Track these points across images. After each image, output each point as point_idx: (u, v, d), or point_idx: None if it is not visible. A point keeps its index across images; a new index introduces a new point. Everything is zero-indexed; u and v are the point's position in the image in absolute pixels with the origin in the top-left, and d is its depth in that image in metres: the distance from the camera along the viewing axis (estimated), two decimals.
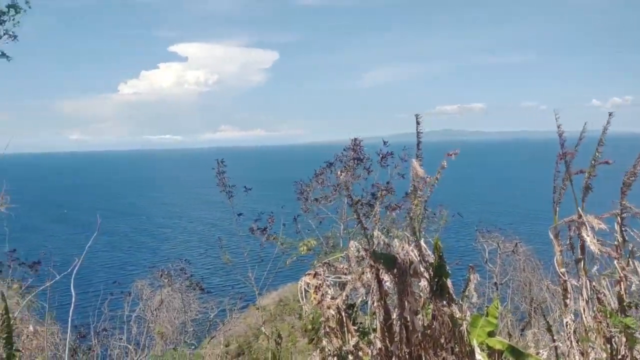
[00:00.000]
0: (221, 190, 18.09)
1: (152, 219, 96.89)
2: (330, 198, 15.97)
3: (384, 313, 8.20)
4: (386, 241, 8.60)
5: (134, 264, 55.26)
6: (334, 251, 15.87)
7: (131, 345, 20.99)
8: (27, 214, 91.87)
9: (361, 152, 15.73)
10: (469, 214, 64.76)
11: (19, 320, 17.92)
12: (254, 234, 18.24)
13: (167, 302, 22.32)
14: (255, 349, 24.09)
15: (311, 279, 9.22)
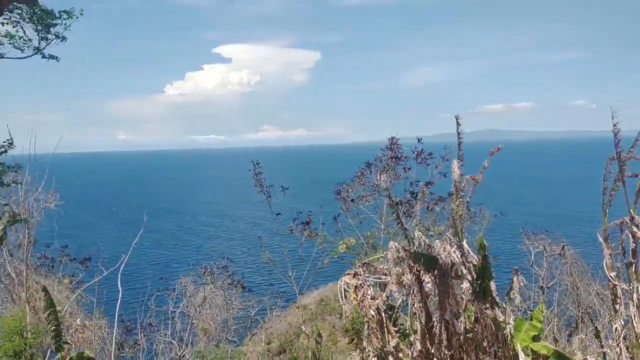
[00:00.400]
0: (259, 191, 18.33)
1: (196, 218, 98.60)
2: (369, 198, 15.91)
3: (425, 315, 8.09)
4: (427, 242, 8.48)
5: (178, 261, 56.33)
6: (374, 251, 15.80)
7: (175, 340, 21.47)
8: (78, 212, 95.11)
9: (399, 151, 15.61)
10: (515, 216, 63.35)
11: (69, 314, 18.58)
12: (293, 233, 18.39)
13: (210, 299, 22.72)
14: (296, 348, 24.19)
15: (351, 279, 9.18)
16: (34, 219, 18.00)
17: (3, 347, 12.77)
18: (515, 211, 75.06)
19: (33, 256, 18.85)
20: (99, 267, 20.57)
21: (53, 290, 17.67)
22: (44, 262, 20.80)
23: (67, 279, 21.05)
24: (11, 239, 18.34)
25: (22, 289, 17.75)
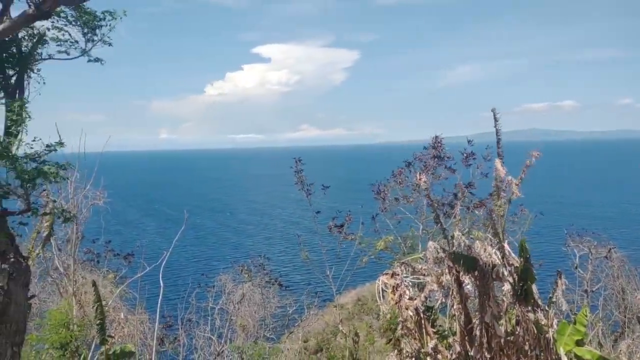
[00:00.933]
0: (299, 189, 18.39)
1: (236, 216, 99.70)
2: (409, 198, 15.76)
3: (464, 316, 7.98)
4: (467, 242, 8.36)
5: (218, 258, 57.10)
6: (413, 251, 15.67)
7: (214, 336, 21.80)
8: (123, 209, 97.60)
9: (442, 151, 15.36)
10: (558, 217, 61.67)
11: (112, 309, 19.11)
12: (332, 232, 18.38)
13: (249, 296, 22.95)
14: (333, 347, 24.18)
15: (389, 279, 9.13)
16: (82, 215, 18.60)
17: (50, 339, 13.24)
18: (559, 212, 73.10)
19: (80, 251, 19.47)
20: (141, 263, 21.12)
21: (98, 284, 18.17)
22: (90, 257, 21.46)
23: (112, 273, 21.66)
24: (60, 234, 19.01)
25: (69, 282, 18.37)
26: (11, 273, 6.28)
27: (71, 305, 16.04)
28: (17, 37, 7.35)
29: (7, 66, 7.44)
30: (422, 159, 15.76)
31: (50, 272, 19.65)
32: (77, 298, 17.42)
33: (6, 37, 6.52)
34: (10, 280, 6.28)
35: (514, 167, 8.20)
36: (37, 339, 13.72)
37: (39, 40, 7.63)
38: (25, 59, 7.44)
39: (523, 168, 6.60)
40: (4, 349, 6.27)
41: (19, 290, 6.41)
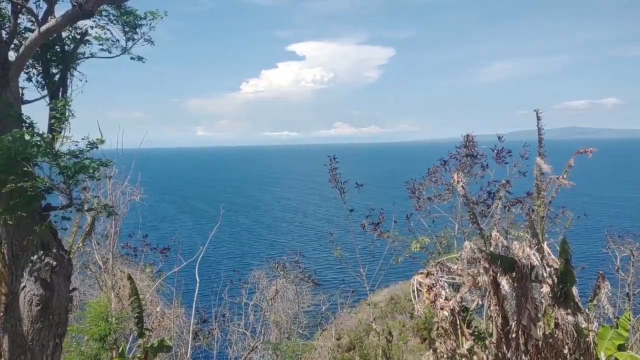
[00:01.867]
0: (333, 187, 18.38)
1: (270, 213, 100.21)
2: (444, 197, 15.54)
3: (502, 318, 7.83)
4: (504, 243, 8.20)
5: (252, 255, 57.49)
6: (448, 251, 15.46)
7: (248, 331, 22.01)
8: (160, 204, 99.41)
9: (474, 149, 15.08)
10: (599, 218, 59.91)
11: (150, 302, 19.49)
12: (366, 230, 18.31)
13: (282, 292, 23.08)
14: (366, 345, 24.09)
15: (424, 278, 9.03)
16: (120, 211, 19.02)
17: (89, 331, 13.58)
18: (600, 213, 71.02)
19: (117, 246, 19.91)
20: (177, 258, 21.47)
21: (136, 278, 18.56)
22: (128, 252, 21.93)
23: (149, 268, 22.09)
24: (98, 229, 19.48)
25: (108, 276, 18.82)
26: (54, 266, 6.46)
27: (110, 299, 16.43)
28: (60, 37, 7.55)
29: (51, 65, 7.66)
30: (457, 158, 15.51)
31: (90, 266, 20.16)
32: (115, 291, 17.82)
33: (51, 36, 6.71)
34: (53, 273, 6.47)
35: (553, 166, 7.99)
36: (77, 330, 14.09)
37: (82, 38, 7.83)
38: (69, 58, 7.65)
39: (566, 168, 6.43)
40: (47, 340, 6.47)
41: (61, 283, 6.60)
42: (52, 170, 6.48)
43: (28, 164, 6.16)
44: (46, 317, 6.42)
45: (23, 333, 6.35)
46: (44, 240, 6.53)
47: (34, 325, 6.37)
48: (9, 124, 6.23)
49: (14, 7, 7.11)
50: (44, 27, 6.27)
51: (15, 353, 6.40)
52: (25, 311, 6.36)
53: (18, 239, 6.47)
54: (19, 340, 6.37)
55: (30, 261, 6.40)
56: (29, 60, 7.04)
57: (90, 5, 5.95)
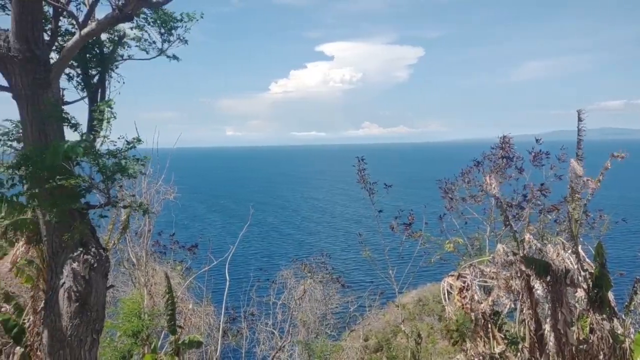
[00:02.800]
0: (362, 187, 18.36)
1: (299, 212, 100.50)
2: (477, 198, 15.33)
3: (535, 322, 7.73)
4: (539, 246, 8.08)
5: (280, 254, 57.78)
6: (480, 253, 15.26)
7: (276, 330, 22.15)
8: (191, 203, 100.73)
9: (511, 151, 14.82)
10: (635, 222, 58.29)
11: (180, 300, 19.78)
12: (395, 231, 18.22)
13: (310, 292, 23.16)
14: (395, 347, 24.00)
15: (455, 281, 8.97)
16: (154, 209, 19.36)
17: (123, 327, 13.87)
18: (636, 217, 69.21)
19: (149, 244, 20.28)
20: (208, 256, 21.74)
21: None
22: (158, 250, 22.31)
23: (179, 265, 22.43)
24: (132, 227, 19.86)
25: (141, 274, 19.17)
26: (92, 264, 6.65)
27: (142, 296, 16.73)
28: (99, 39, 7.76)
29: (90, 66, 7.87)
30: (491, 159, 15.27)
31: (124, 263, 20.58)
32: (148, 288, 18.14)
33: (91, 39, 6.90)
34: (92, 270, 6.65)
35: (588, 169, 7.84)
36: (111, 326, 14.39)
37: (120, 41, 8.02)
38: (107, 60, 7.85)
39: (602, 170, 6.30)
40: (85, 335, 6.65)
41: (99, 279, 6.78)
42: (92, 169, 6.67)
43: (69, 163, 6.34)
44: (84, 313, 6.60)
45: (62, 328, 6.54)
46: (83, 238, 6.72)
47: (72, 320, 6.55)
48: (51, 124, 6.43)
49: (55, 10, 7.34)
50: (84, 30, 6.45)
51: (54, 347, 6.60)
52: (64, 307, 6.55)
53: (58, 236, 6.67)
54: (58, 335, 6.57)
55: (70, 258, 6.59)
56: (70, 62, 7.24)
57: (130, 9, 6.10)
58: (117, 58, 8.13)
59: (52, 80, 6.51)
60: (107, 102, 6.79)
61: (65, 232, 6.60)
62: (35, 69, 6.35)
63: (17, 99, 6.51)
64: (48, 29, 7.22)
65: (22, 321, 11.36)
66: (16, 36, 6.19)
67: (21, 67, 6.29)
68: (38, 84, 6.39)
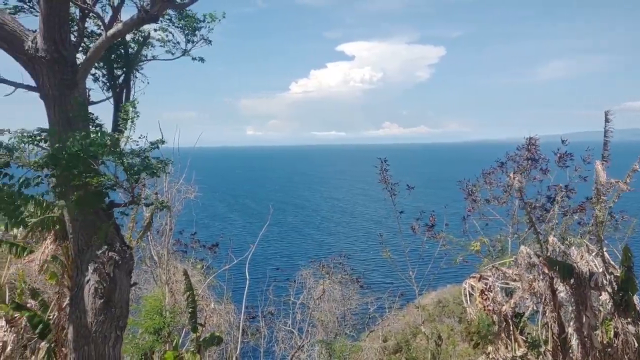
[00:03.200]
0: (384, 188, 18.30)
1: (319, 212, 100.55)
2: (501, 199, 15.15)
3: (558, 326, 7.63)
4: (562, 248, 7.96)
5: (299, 254, 57.87)
6: (501, 255, 15.09)
7: (295, 330, 22.19)
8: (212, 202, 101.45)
9: (537, 153, 14.57)
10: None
11: (201, 298, 19.95)
12: (416, 233, 18.12)
13: (329, 292, 23.16)
14: (414, 348, 23.86)
15: (476, 282, 8.90)
16: (175, 208, 19.59)
17: (145, 324, 14.03)
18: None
19: (170, 242, 20.50)
20: (228, 255, 21.89)
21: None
22: (179, 248, 22.54)
23: (200, 264, 22.63)
24: (154, 225, 20.09)
25: (162, 271, 19.38)
26: (117, 261, 6.76)
27: (164, 293, 16.91)
28: (125, 40, 7.88)
29: (115, 67, 8.00)
30: (515, 160, 15.05)
31: (146, 261, 20.82)
32: (169, 286, 18.33)
33: (117, 39, 7.00)
34: (116, 267, 6.76)
35: (615, 170, 7.71)
36: (133, 323, 14.56)
37: (145, 41, 8.14)
38: (132, 60, 7.97)
39: (629, 172, 6.20)
40: (109, 332, 6.75)
41: (123, 277, 6.88)
42: (116, 168, 6.78)
43: (94, 161, 6.45)
44: (109, 309, 6.71)
45: (87, 324, 6.66)
46: (108, 236, 6.83)
47: (97, 317, 6.66)
48: (77, 123, 6.54)
49: (82, 12, 7.47)
50: (110, 31, 6.55)
51: (79, 343, 6.72)
52: (89, 303, 6.67)
53: (84, 234, 6.79)
54: (83, 332, 6.68)
55: (95, 255, 6.71)
56: (95, 63, 7.36)
57: (155, 10, 6.18)
58: (142, 58, 8.26)
59: (78, 81, 6.62)
60: (131, 102, 6.89)
61: (90, 230, 6.72)
62: (62, 70, 6.47)
63: (45, 98, 6.64)
64: (74, 30, 7.35)
65: (47, 317, 11.58)
66: (44, 37, 6.31)
67: (48, 68, 6.41)
68: (65, 84, 6.51)
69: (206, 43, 8.18)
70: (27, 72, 6.68)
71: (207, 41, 8.16)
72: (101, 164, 6.69)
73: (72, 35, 7.17)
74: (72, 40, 7.04)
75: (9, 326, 12.04)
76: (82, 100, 6.68)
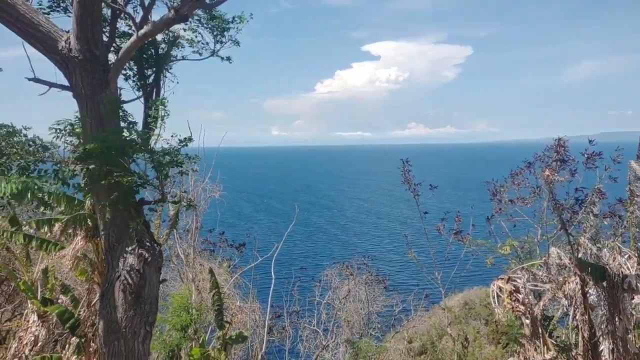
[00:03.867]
0: (407, 189, 18.22)
1: (344, 213, 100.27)
2: (528, 200, 14.91)
3: (589, 329, 7.47)
4: (594, 250, 7.80)
5: (325, 254, 57.84)
6: (530, 257, 14.86)
7: (320, 329, 22.23)
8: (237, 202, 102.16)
9: (565, 154, 14.29)
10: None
11: (227, 296, 20.14)
12: (441, 234, 17.99)
13: (354, 292, 23.15)
14: (440, 350, 23.64)
15: (504, 284, 8.77)
16: (200, 207, 19.83)
17: (172, 321, 14.21)
18: None
19: (197, 240, 20.75)
20: (254, 254, 22.05)
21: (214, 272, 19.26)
22: (207, 247, 22.80)
23: (226, 262, 22.86)
24: (181, 224, 20.37)
25: (189, 269, 19.62)
26: (146, 258, 6.86)
27: (190, 291, 17.10)
28: (155, 40, 8.00)
29: (146, 67, 8.13)
30: (543, 160, 14.79)
31: (173, 259, 21.12)
32: (195, 284, 18.55)
33: (147, 40, 7.11)
34: (146, 264, 6.87)
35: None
36: (160, 320, 14.75)
37: (175, 41, 8.26)
38: (162, 60, 8.08)
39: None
40: (139, 328, 6.86)
41: (152, 273, 6.99)
42: (145, 166, 6.89)
43: (125, 160, 6.57)
44: (138, 305, 6.81)
45: (117, 320, 6.77)
46: (138, 233, 6.94)
47: (127, 312, 6.78)
48: (109, 122, 6.67)
49: (113, 12, 7.61)
50: (141, 32, 6.64)
51: (110, 338, 6.84)
52: (119, 299, 6.78)
53: (114, 231, 6.91)
54: (113, 327, 6.80)
55: (125, 252, 6.83)
56: (126, 62, 7.49)
57: (185, 10, 6.25)
58: (172, 58, 8.37)
59: (110, 80, 6.75)
60: (161, 101, 7.00)
61: (121, 227, 6.84)
62: (94, 69, 6.60)
63: (77, 97, 6.77)
64: (106, 31, 7.48)
65: (77, 313, 11.82)
66: (77, 37, 6.44)
67: (81, 67, 6.54)
68: (97, 84, 6.63)
69: (234, 44, 8.26)
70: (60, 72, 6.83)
71: (235, 42, 8.23)
72: (132, 162, 6.81)
73: (104, 36, 7.30)
74: (104, 40, 7.16)
75: (40, 321, 12.36)
76: (113, 99, 6.80)
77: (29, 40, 6.52)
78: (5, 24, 6.38)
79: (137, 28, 6.85)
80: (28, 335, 12.26)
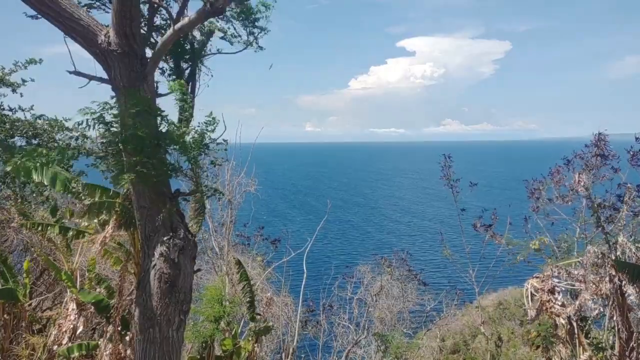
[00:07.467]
0: (445, 185, 18.05)
1: (379, 210, 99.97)
2: (567, 199, 14.55)
3: (626, 330, 7.27)
4: (633, 249, 7.58)
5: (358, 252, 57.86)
6: (567, 256, 14.51)
7: (352, 325, 22.28)
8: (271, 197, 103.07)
9: (606, 149, 13.90)
10: None
11: (260, 289, 20.39)
12: (477, 231, 17.75)
13: (387, 289, 23.10)
14: (473, 349, 23.39)
15: (539, 283, 8.61)
16: (236, 201, 20.12)
17: (206, 312, 14.46)
18: None
19: (232, 234, 21.06)
20: (287, 249, 22.26)
21: (247, 266, 19.56)
22: (242, 241, 23.12)
23: (260, 256, 23.13)
24: (216, 217, 20.72)
25: (223, 262, 19.92)
26: (181, 247, 7.02)
27: (224, 283, 17.37)
28: (190, 34, 8.15)
29: (181, 60, 8.29)
30: (583, 157, 14.41)
31: (207, 252, 21.49)
32: (229, 277, 18.83)
33: (184, 34, 7.25)
34: (181, 254, 7.02)
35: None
36: (194, 310, 15.03)
37: (210, 35, 8.40)
38: (197, 54, 8.23)
39: None
40: (173, 316, 7.03)
41: (187, 263, 7.14)
42: (178, 157, 7.07)
43: (158, 151, 6.73)
44: (173, 294, 6.98)
45: (152, 307, 6.95)
46: (173, 223, 7.11)
47: (162, 300, 6.95)
48: (146, 114, 6.82)
49: (151, 6, 7.78)
50: (177, 25, 6.77)
51: (145, 325, 7.02)
52: (155, 287, 6.95)
53: (151, 221, 7.09)
54: (148, 314, 6.98)
55: (161, 242, 7.00)
56: (163, 56, 7.65)
57: (221, 3, 6.35)
58: (207, 52, 8.51)
59: (147, 74, 6.90)
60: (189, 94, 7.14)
61: (157, 217, 7.02)
62: (132, 63, 6.76)
63: (116, 90, 6.96)
64: (144, 24, 7.65)
65: (115, 302, 12.17)
66: (116, 31, 6.61)
67: (120, 61, 6.71)
68: (135, 77, 6.80)
69: (264, 32, 8.32)
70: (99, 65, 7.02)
71: (264, 30, 8.29)
72: (165, 153, 6.97)
73: (142, 29, 7.47)
74: (142, 33, 7.33)
75: (79, 310, 12.77)
76: (150, 92, 6.96)
77: (70, 34, 6.72)
78: (48, 18, 6.59)
79: (173, 22, 6.98)
80: (67, 323, 12.68)
